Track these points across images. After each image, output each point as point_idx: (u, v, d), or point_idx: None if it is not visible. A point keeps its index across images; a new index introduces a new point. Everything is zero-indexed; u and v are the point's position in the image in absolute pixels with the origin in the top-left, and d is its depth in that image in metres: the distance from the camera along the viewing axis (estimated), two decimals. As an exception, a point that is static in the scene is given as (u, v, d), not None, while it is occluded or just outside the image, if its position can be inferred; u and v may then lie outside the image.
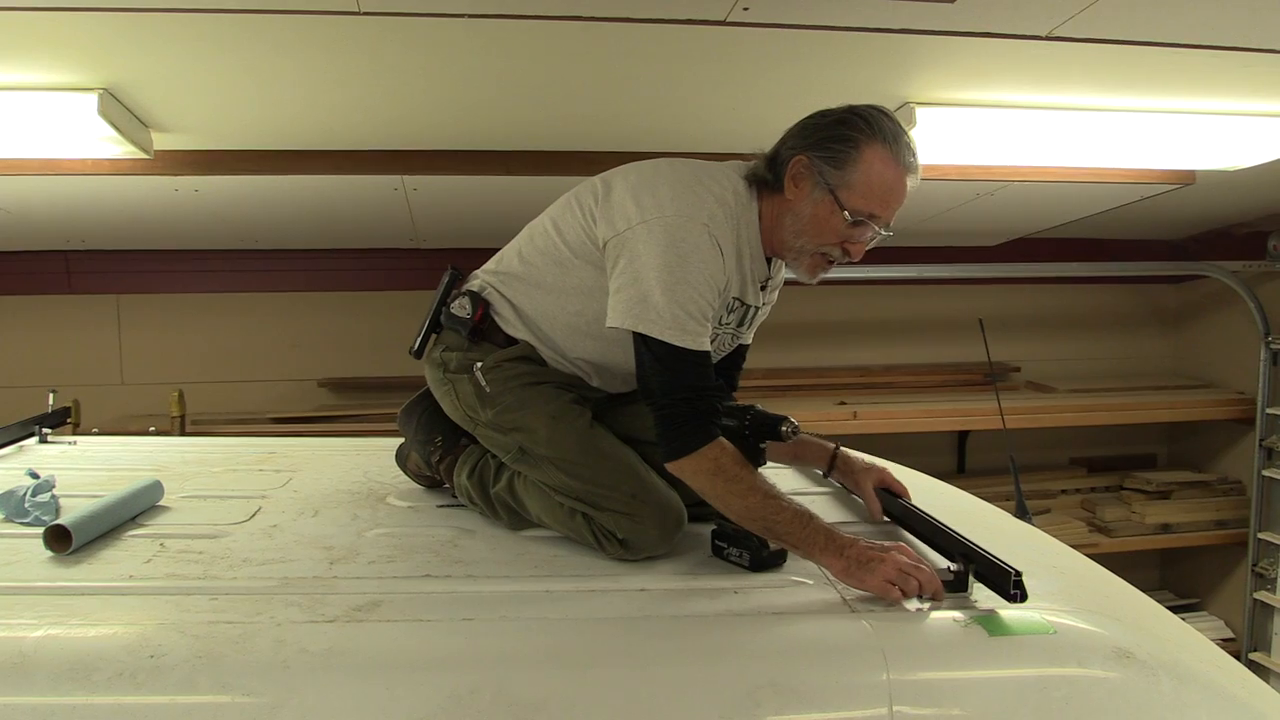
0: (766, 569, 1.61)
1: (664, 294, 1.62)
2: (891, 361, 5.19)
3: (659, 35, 2.22)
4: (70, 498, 1.90)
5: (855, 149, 1.65)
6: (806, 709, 1.30)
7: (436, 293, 1.96)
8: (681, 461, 1.63)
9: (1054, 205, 4.07)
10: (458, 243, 4.35)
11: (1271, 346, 4.47)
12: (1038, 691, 1.31)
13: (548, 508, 1.77)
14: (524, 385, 1.80)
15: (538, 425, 1.76)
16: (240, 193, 3.43)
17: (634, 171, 1.77)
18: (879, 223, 1.71)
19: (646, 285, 1.63)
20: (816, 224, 1.71)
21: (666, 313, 1.62)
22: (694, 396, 1.63)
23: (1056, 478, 5.15)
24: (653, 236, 1.65)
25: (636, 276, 1.65)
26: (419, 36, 2.24)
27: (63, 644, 1.28)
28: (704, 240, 1.65)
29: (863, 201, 1.67)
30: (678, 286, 1.62)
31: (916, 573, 1.46)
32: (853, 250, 1.74)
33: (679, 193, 1.69)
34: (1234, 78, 2.52)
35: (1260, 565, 4.55)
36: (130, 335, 4.60)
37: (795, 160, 1.70)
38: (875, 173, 1.66)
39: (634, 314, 1.64)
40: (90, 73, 2.36)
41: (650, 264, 1.64)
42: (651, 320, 1.63)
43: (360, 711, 1.23)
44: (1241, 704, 1.39)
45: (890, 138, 1.67)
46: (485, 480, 1.87)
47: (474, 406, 1.83)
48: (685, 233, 1.64)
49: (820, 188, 1.68)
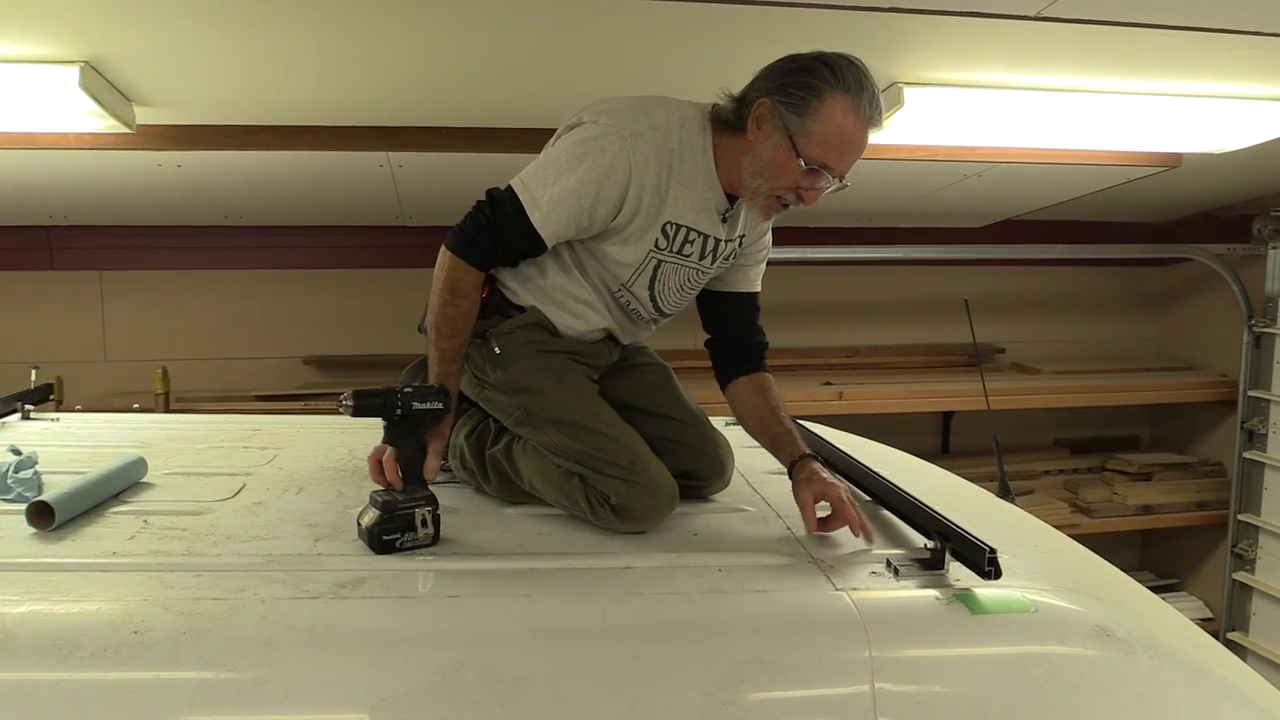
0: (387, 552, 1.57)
1: (544, 167, 1.74)
2: (877, 342, 5.20)
3: (647, 11, 2.21)
4: (53, 474, 1.89)
5: (817, 97, 1.67)
6: (790, 685, 1.31)
7: None
8: (442, 252, 1.79)
9: (1041, 187, 4.07)
10: (444, 220, 4.27)
11: (1254, 329, 4.50)
12: (1018, 668, 1.33)
13: (543, 470, 1.79)
14: (536, 352, 1.85)
15: (546, 386, 1.81)
16: (224, 168, 3.40)
17: None
18: (833, 173, 1.73)
19: (542, 159, 1.77)
20: (773, 167, 1.74)
21: (532, 179, 1.74)
22: (489, 223, 1.75)
23: (1040, 459, 5.19)
24: (575, 133, 1.76)
25: (543, 159, 1.78)
26: (404, 11, 2.22)
27: (45, 620, 1.27)
28: (609, 149, 1.72)
29: (819, 150, 1.70)
30: (556, 172, 1.72)
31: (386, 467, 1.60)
32: (806, 196, 1.77)
33: (618, 105, 1.77)
34: (1221, 60, 2.53)
35: (1240, 546, 4.60)
36: (113, 311, 4.57)
37: (759, 103, 1.72)
38: (834, 123, 1.68)
39: (518, 180, 1.76)
40: (72, 46, 2.33)
41: (559, 148, 1.77)
42: (520, 177, 1.76)
43: (344, 687, 1.24)
44: (1218, 681, 1.41)
45: (854, 89, 1.68)
46: (483, 441, 1.91)
47: (483, 369, 1.87)
48: (598, 139, 1.72)
49: (780, 132, 1.71)
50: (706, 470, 1.91)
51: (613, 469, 1.71)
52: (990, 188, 3.91)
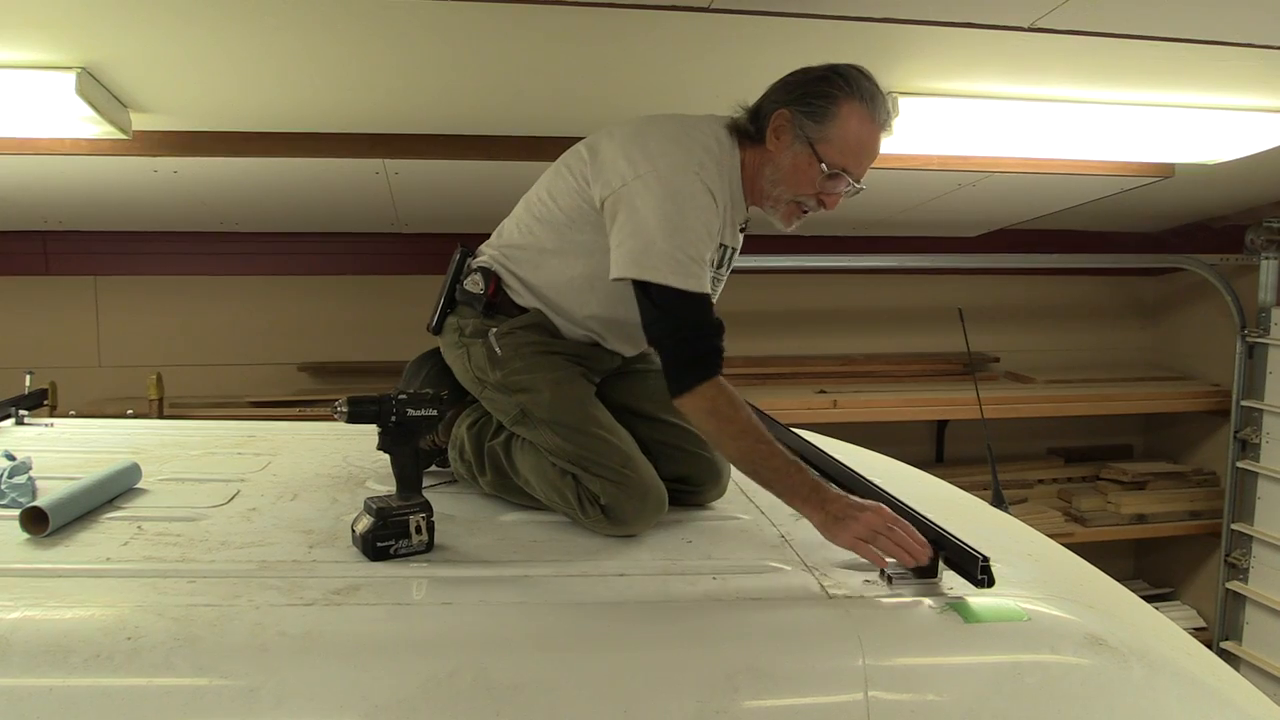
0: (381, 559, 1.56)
1: (665, 240, 1.68)
2: (872, 351, 5.20)
3: (642, 20, 2.21)
4: (47, 480, 1.88)
5: (834, 105, 1.74)
6: (783, 694, 1.31)
7: (449, 271, 2.01)
8: (682, 399, 1.69)
9: (1035, 197, 4.08)
10: (440, 227, 4.34)
11: (1247, 339, 4.51)
12: (1011, 677, 1.33)
13: (538, 466, 1.81)
14: (535, 353, 1.86)
15: (542, 388, 1.83)
16: (220, 174, 3.40)
17: (619, 130, 1.83)
18: (852, 176, 1.78)
19: (648, 235, 1.69)
20: (795, 175, 1.79)
21: (669, 258, 1.68)
22: (694, 336, 1.70)
23: (1034, 467, 5.19)
24: (649, 189, 1.71)
25: (637, 228, 1.70)
26: (400, 19, 2.23)
27: (39, 626, 1.27)
28: (698, 188, 1.72)
29: (839, 155, 1.76)
30: (677, 233, 1.68)
31: (889, 534, 1.50)
32: (827, 201, 1.81)
33: (668, 145, 1.76)
34: (1214, 71, 2.54)
35: (1233, 556, 4.60)
36: (108, 317, 4.56)
37: (778, 114, 1.78)
38: (852, 129, 1.75)
39: (637, 263, 1.69)
40: (68, 51, 2.33)
41: (649, 214, 1.69)
42: (654, 267, 1.68)
43: (338, 694, 1.23)
44: (1211, 690, 1.41)
45: (868, 96, 1.75)
46: (484, 434, 1.94)
47: (484, 369, 1.89)
48: (680, 182, 1.71)
49: (800, 140, 1.77)
50: (702, 476, 1.92)
51: (603, 470, 1.73)
52: (984, 197, 3.92)
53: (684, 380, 1.68)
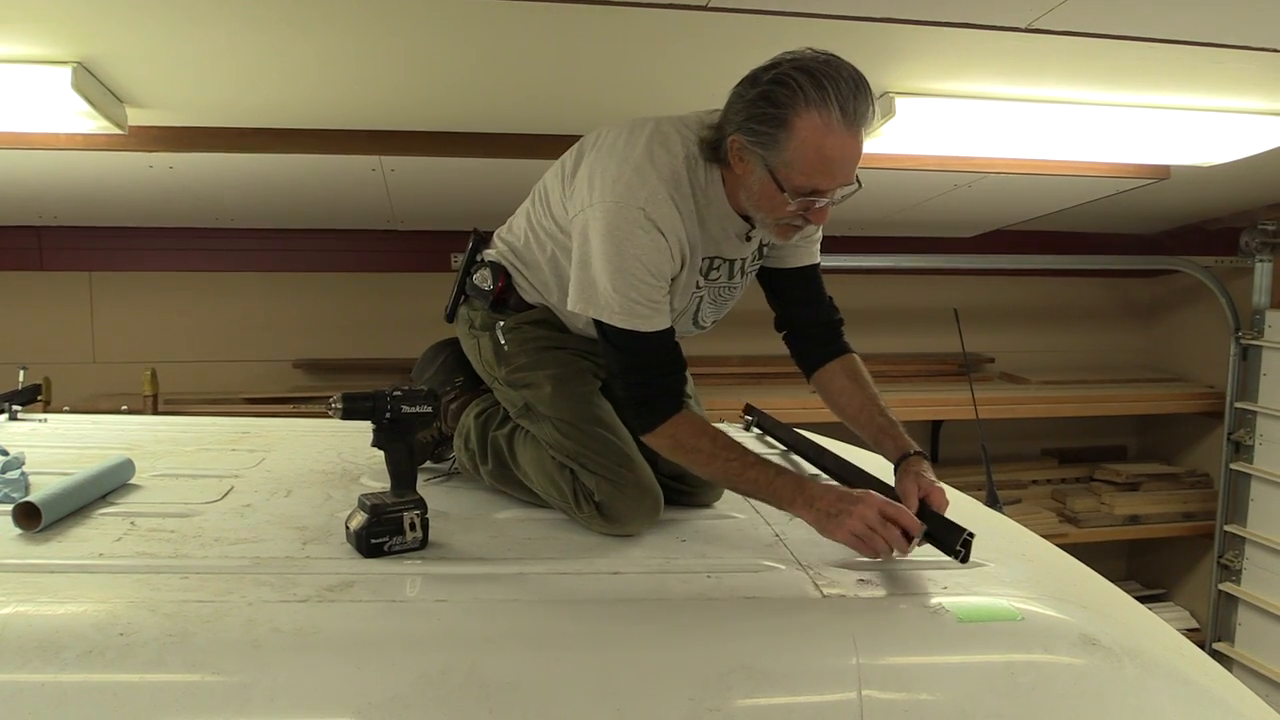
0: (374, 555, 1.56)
1: (607, 281, 1.66)
2: (867, 351, 5.15)
3: (638, 19, 2.21)
4: (40, 475, 1.88)
5: (784, 124, 1.54)
6: (777, 692, 1.31)
7: (463, 258, 2.02)
8: (646, 438, 1.73)
9: (1031, 198, 4.09)
10: (436, 225, 4.33)
11: (1241, 341, 4.52)
12: (1004, 677, 1.33)
13: (538, 459, 1.82)
14: (540, 348, 1.87)
15: (544, 384, 1.84)
16: (215, 170, 3.39)
17: (605, 138, 1.78)
18: (823, 195, 1.60)
19: (593, 271, 1.69)
20: (766, 200, 1.64)
21: (613, 300, 1.67)
22: (649, 378, 1.71)
23: (1028, 468, 5.20)
24: (595, 224, 1.68)
25: (584, 261, 1.70)
26: (398, 15, 2.22)
27: (31, 621, 1.27)
28: (638, 228, 1.65)
29: (803, 178, 1.57)
30: (617, 275, 1.65)
31: (884, 530, 1.51)
32: (813, 218, 1.66)
33: (626, 172, 1.68)
34: (1209, 74, 2.54)
35: (1226, 557, 4.61)
36: (102, 313, 4.55)
37: (731, 140, 1.62)
38: (811, 145, 1.54)
39: (586, 298, 1.71)
40: (64, 46, 2.32)
41: (594, 251, 1.68)
42: (601, 305, 1.68)
43: (331, 691, 1.23)
44: (1203, 690, 1.41)
45: (820, 100, 1.52)
46: (489, 424, 1.95)
47: (492, 363, 1.92)
48: (620, 220, 1.65)
49: (760, 166, 1.60)
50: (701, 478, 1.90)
51: (600, 467, 1.73)
52: (980, 198, 3.92)
53: (642, 422, 1.72)
